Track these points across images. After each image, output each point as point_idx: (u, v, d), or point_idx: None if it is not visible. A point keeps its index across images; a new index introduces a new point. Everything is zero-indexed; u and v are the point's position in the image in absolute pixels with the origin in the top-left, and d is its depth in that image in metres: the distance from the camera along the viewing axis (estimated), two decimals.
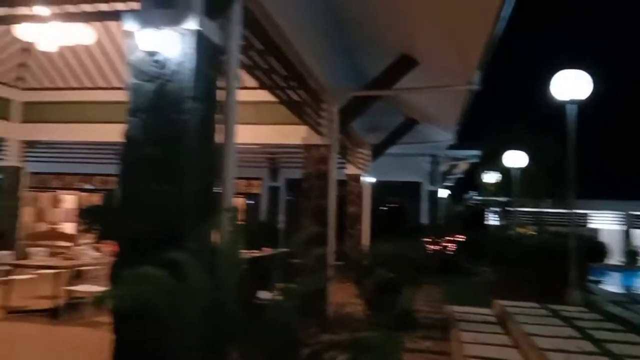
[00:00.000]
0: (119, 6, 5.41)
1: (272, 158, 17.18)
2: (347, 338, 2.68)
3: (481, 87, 7.80)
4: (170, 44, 2.99)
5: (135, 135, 3.09)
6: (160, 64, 3.01)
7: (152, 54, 2.99)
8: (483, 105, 13.20)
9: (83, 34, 8.75)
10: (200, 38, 3.05)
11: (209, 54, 3.17)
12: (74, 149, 16.29)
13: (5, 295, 7.54)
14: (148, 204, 3.01)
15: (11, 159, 14.27)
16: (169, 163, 3.00)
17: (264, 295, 2.87)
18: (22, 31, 8.68)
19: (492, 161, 18.28)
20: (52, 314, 7.13)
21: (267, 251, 9.42)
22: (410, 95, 9.77)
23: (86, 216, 17.99)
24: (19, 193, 14.51)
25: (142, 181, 3.03)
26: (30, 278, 8.02)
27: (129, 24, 3.07)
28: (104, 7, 4.66)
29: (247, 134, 4.90)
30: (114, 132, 12.20)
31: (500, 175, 19.05)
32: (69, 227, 18.78)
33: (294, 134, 9.74)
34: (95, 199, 19.16)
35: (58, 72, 13.60)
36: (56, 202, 19.59)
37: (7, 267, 7.73)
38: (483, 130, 19.00)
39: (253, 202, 17.87)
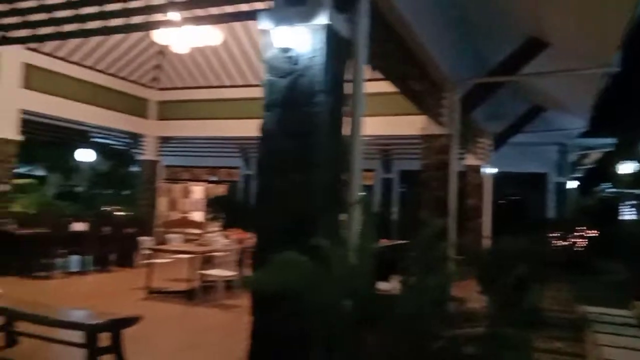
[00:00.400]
0: (244, 7, 5.66)
1: (386, 149, 17.11)
2: (483, 332, 2.60)
3: (620, 69, 7.12)
4: (303, 40, 3.10)
5: (271, 129, 3.26)
6: (293, 60, 3.14)
7: (285, 50, 3.13)
8: (620, 88, 12.02)
9: (211, 36, 9.38)
10: (330, 32, 3.13)
11: (337, 48, 3.24)
12: (202, 144, 17.48)
13: (147, 277, 8.36)
14: (282, 194, 3.17)
15: (148, 154, 15.71)
16: (301, 155, 3.13)
17: (383, 285, 2.88)
18: (159, 36, 9.50)
19: (629, 150, 16.63)
20: (188, 296, 7.76)
21: (384, 242, 9.42)
22: (538, 81, 9.17)
23: (213, 206, 19.33)
24: (155, 185, 15.98)
25: (276, 172, 3.19)
26: (168, 262, 8.78)
27: (264, 23, 3.23)
28: (229, 9, 4.91)
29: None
30: (238, 128, 12.98)
31: (638, 165, 17.30)
32: (197, 216, 20.31)
33: (410, 125, 9.61)
34: (221, 190, 20.53)
35: (188, 73, 14.70)
36: (186, 193, 21.18)
37: (148, 252, 8.54)
38: (619, 116, 17.30)
39: (365, 193, 17.93)
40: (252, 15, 3.63)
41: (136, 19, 5.22)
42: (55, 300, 7.09)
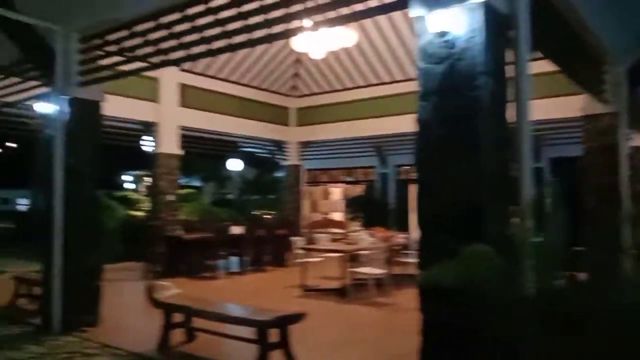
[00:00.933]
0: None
1: (535, 136, 15.85)
2: None
3: None
4: (459, 21, 2.95)
5: (428, 118, 3.15)
6: (450, 44, 2.99)
7: (441, 34, 3.00)
8: None
9: (346, 37, 9.49)
10: (489, 10, 2.94)
11: (497, 26, 3.03)
12: (338, 146, 17.83)
13: (301, 276, 8.69)
14: (447, 184, 3.03)
15: (291, 159, 16.42)
16: (464, 142, 2.97)
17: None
18: (296, 44, 9.85)
19: None
20: (340, 293, 7.90)
21: None
22: None
23: (352, 206, 19.61)
24: (298, 188, 16.64)
25: (438, 163, 3.07)
26: (318, 261, 9.01)
27: (417, 9, 3.13)
28: (374, 2, 4.86)
29: None
30: (373, 127, 12.98)
31: None
32: (337, 216, 20.78)
33: (564, 107, 8.83)
34: (359, 189, 20.77)
35: (323, 77, 15.09)
36: (326, 195, 21.77)
37: (301, 251, 8.86)
38: None
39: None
40: (399, 5, 3.55)
41: (277, 29, 5.44)
42: (220, 298, 7.66)
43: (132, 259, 11.40)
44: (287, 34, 7.22)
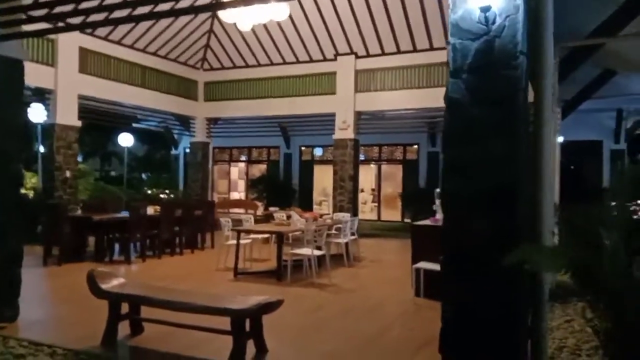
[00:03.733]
0: None
1: None
2: None
3: None
4: None
5: (460, 96, 3.03)
6: (489, 19, 2.89)
7: (483, 9, 2.87)
8: None
9: (278, 11, 9.09)
10: None
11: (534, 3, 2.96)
12: (242, 124, 17.29)
13: (228, 258, 8.30)
14: (477, 165, 2.95)
15: (199, 135, 15.60)
16: (499, 123, 2.90)
17: None
18: (225, 15, 9.26)
19: None
20: (275, 275, 7.64)
21: None
22: (623, 42, 8.72)
23: (255, 185, 19.24)
24: (207, 166, 15.91)
25: (468, 143, 2.97)
26: (246, 243, 8.63)
27: None
28: None
29: None
30: (282, 107, 12.60)
31: None
32: (237, 196, 20.29)
33: None
34: (260, 169, 20.42)
35: (236, 52, 14.45)
36: (227, 174, 21.11)
37: (230, 233, 8.44)
38: None
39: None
40: None
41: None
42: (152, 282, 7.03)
43: (28, 243, 10.15)
44: (216, 7, 6.70)
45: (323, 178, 18.97)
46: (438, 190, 7.43)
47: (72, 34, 10.59)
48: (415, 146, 17.37)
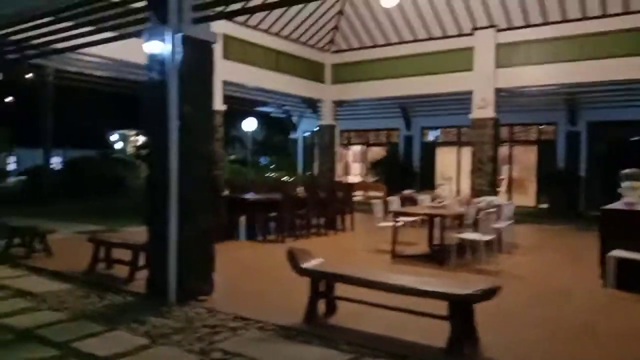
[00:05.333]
0: None
1: None
2: None
3: None
4: None
5: None
6: None
7: None
8: None
9: None
10: None
11: None
12: (364, 106, 17.11)
13: (380, 240, 8.19)
14: None
15: (326, 118, 15.66)
16: None
17: None
18: None
19: None
20: (435, 259, 7.39)
21: None
22: None
23: (375, 168, 19.09)
24: (334, 149, 15.97)
25: None
26: (400, 225, 8.44)
27: None
28: None
29: None
30: (410, 86, 12.00)
31: None
32: (354, 179, 20.22)
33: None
34: (379, 152, 20.19)
35: (366, 31, 14.24)
36: (355, 156, 21.14)
37: (385, 215, 8.31)
38: None
39: None
40: None
41: None
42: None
43: None
44: None
45: (444, 160, 18.39)
46: (626, 171, 6.74)
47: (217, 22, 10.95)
48: (553, 126, 16.21)
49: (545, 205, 15.34)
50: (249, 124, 21.01)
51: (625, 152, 13.55)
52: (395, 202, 9.08)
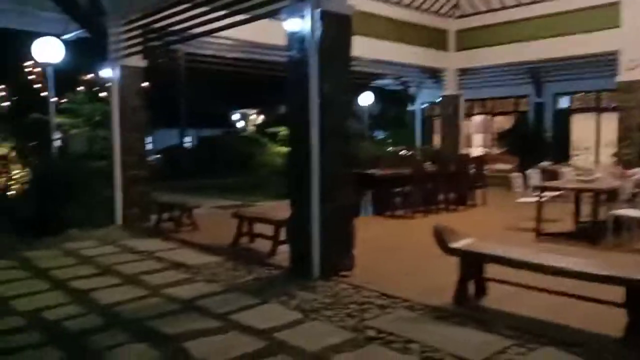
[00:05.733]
0: None
1: None
2: None
3: None
4: None
5: None
6: None
7: None
8: None
9: None
10: None
11: None
12: (490, 73, 16.05)
13: (521, 216, 7.68)
14: None
15: (449, 88, 14.99)
16: None
17: None
18: None
19: None
20: (589, 238, 6.76)
21: None
22: None
23: (503, 139, 18.00)
24: (458, 120, 15.31)
25: None
26: (545, 201, 7.86)
27: None
28: None
29: None
30: (543, 49, 10.75)
31: None
32: (478, 151, 19.14)
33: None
34: (506, 122, 18.98)
35: None
36: (477, 127, 20.12)
37: (527, 189, 7.78)
38: None
39: None
40: None
41: None
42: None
43: None
44: None
45: (580, 129, 16.84)
46: None
47: None
48: None
49: None
50: (365, 98, 20.81)
51: None
52: (534, 175, 8.44)
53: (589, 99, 16.80)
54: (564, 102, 17.61)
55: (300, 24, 5.05)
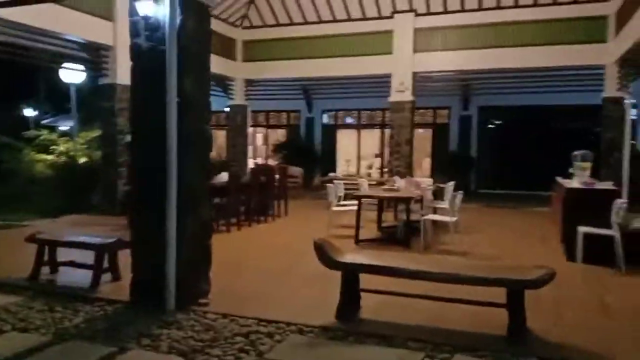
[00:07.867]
0: None
1: None
2: None
3: None
4: None
5: None
6: None
7: None
8: None
9: None
10: None
11: None
12: (267, 87, 16.56)
13: (330, 224, 7.96)
14: None
15: (237, 98, 14.85)
16: None
17: None
18: None
19: None
20: (399, 242, 7.38)
21: None
22: None
23: (279, 151, 18.72)
24: (246, 131, 15.24)
25: None
26: (347, 210, 8.27)
27: None
28: None
29: None
30: (326, 67, 11.80)
31: None
32: (259, 162, 19.52)
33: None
34: (280, 134, 19.81)
35: (282, 8, 13.67)
36: (262, 138, 20.33)
37: (335, 199, 8.08)
38: None
39: None
40: None
41: None
42: (267, 252, 6.70)
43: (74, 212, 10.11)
44: None
45: (348, 143, 18.65)
46: (576, 152, 7.27)
47: None
48: (446, 110, 17.18)
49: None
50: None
51: None
52: (340, 186, 8.87)
53: (354, 115, 18.76)
54: (330, 119, 19.21)
55: (154, 8, 4.23)
